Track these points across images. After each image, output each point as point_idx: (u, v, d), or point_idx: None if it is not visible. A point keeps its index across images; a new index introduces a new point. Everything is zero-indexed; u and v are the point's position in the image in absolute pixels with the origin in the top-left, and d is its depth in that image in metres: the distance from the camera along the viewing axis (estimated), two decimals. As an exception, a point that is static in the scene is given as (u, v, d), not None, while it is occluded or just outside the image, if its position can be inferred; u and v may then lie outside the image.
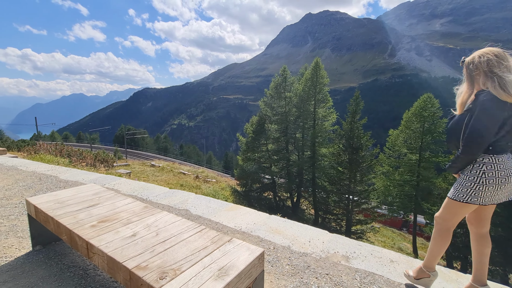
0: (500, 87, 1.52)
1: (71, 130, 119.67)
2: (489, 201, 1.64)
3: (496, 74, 1.56)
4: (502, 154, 1.60)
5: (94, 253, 1.60)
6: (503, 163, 1.59)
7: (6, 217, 3.17)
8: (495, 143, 1.59)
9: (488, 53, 1.63)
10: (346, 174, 18.01)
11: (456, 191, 1.71)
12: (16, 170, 5.51)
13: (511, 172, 1.60)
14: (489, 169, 1.59)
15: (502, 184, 1.59)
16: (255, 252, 1.54)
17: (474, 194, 1.63)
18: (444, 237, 1.79)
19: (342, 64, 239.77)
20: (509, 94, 1.50)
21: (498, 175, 1.58)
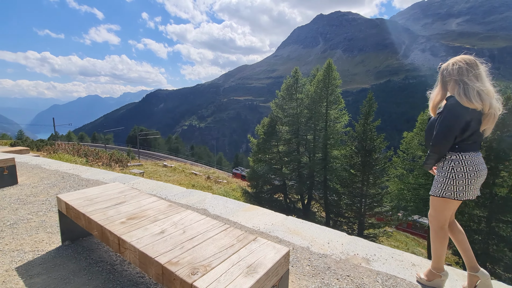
0: (464, 94, 1.68)
1: (86, 131, 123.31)
2: (463, 196, 1.78)
3: (464, 81, 1.71)
4: (469, 152, 1.76)
5: (125, 248, 1.68)
6: (471, 160, 1.75)
7: (35, 213, 3.33)
8: (461, 143, 1.76)
9: (461, 61, 1.76)
10: (358, 176, 17.76)
11: (433, 187, 1.87)
12: (40, 169, 5.75)
13: (479, 167, 1.76)
14: (457, 165, 1.76)
15: (472, 178, 1.74)
16: (281, 251, 1.57)
17: (447, 188, 1.79)
18: (441, 236, 1.89)
19: (354, 65, 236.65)
20: (470, 101, 1.65)
21: (467, 170, 1.74)
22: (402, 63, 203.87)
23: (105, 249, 2.49)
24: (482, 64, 1.76)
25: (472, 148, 1.78)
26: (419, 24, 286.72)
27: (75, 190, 4.23)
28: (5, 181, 4.41)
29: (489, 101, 1.68)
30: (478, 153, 1.81)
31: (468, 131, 1.74)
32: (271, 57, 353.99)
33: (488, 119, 1.71)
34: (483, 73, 1.74)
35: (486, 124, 1.73)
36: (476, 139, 1.78)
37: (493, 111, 1.70)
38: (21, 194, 4.03)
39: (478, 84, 1.68)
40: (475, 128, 1.74)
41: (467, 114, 1.70)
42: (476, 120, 1.72)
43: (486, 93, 1.68)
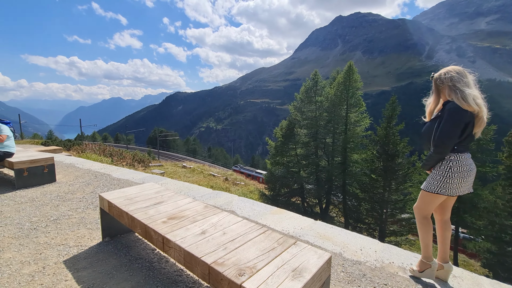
0: (463, 98, 1.86)
1: (110, 131, 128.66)
2: (455, 192, 1.97)
3: (458, 88, 1.90)
4: (464, 153, 1.95)
5: (170, 247, 1.74)
6: (465, 160, 1.94)
7: (74, 209, 3.53)
8: (459, 144, 1.94)
9: (451, 70, 1.97)
10: (380, 182, 17.22)
11: (428, 184, 2.04)
12: (74, 168, 6.08)
13: (471, 167, 1.97)
14: (454, 165, 1.94)
15: (465, 177, 1.94)
16: (324, 256, 1.57)
17: (443, 186, 1.97)
18: (425, 225, 2.11)
19: (374, 67, 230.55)
20: (469, 104, 1.84)
21: (462, 169, 1.93)
22: (425, 65, 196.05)
23: (142, 246, 2.60)
24: (470, 74, 1.97)
25: (466, 149, 1.97)
26: (444, 24, 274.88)
27: (108, 189, 4.45)
28: (45, 179, 4.71)
29: (483, 105, 1.89)
30: (469, 154, 2.01)
31: (465, 133, 1.91)
32: (288, 60, 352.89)
33: (480, 122, 1.91)
34: (471, 82, 1.94)
35: (478, 127, 1.93)
36: (470, 141, 1.97)
37: (483, 115, 1.89)
38: (60, 191, 4.29)
39: (470, 90, 1.88)
40: (470, 131, 1.92)
41: (466, 117, 1.87)
42: (471, 123, 1.91)
43: (478, 98, 1.88)
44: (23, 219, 3.18)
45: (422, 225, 2.11)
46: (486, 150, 16.94)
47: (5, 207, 3.58)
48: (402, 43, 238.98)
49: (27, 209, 3.52)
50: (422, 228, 2.11)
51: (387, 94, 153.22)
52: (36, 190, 4.36)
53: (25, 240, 2.67)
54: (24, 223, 3.06)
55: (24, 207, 3.57)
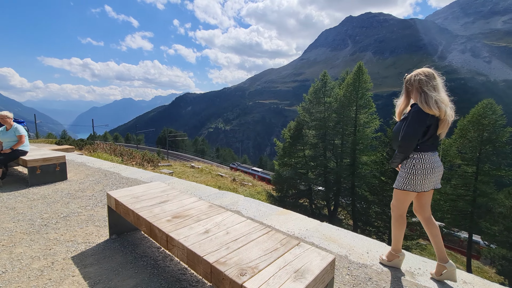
0: (425, 102, 1.95)
1: (120, 131, 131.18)
2: (420, 189, 2.07)
3: (424, 91, 1.99)
4: (427, 152, 2.06)
5: (174, 245, 1.75)
6: (428, 158, 2.05)
7: (83, 207, 3.61)
8: (422, 144, 2.05)
9: (421, 73, 2.04)
10: (390, 184, 16.88)
11: (397, 181, 2.17)
12: (85, 166, 6.22)
13: (435, 165, 2.05)
14: (417, 163, 2.05)
15: (428, 174, 2.03)
16: (327, 258, 1.55)
17: (408, 182, 2.09)
18: (400, 223, 2.23)
19: (385, 68, 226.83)
20: (430, 108, 1.93)
21: (425, 167, 2.03)
22: (438, 65, 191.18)
23: (147, 244, 2.63)
24: (439, 76, 2.05)
25: (430, 148, 2.07)
26: (459, 24, 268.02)
27: (117, 187, 4.53)
28: (57, 177, 4.84)
29: (445, 109, 1.95)
30: (435, 153, 2.10)
31: (428, 134, 2.02)
32: (297, 61, 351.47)
33: (443, 124, 2.01)
34: (440, 85, 2.02)
35: (442, 129, 2.03)
36: (434, 141, 2.08)
37: (447, 118, 1.99)
38: (70, 189, 4.39)
39: (435, 94, 1.96)
40: (433, 132, 2.03)
41: (428, 119, 1.97)
42: (434, 125, 2.01)
43: (441, 102, 1.95)
44: (34, 216, 3.27)
45: (397, 223, 2.24)
46: (501, 153, 16.41)
47: (18, 203, 3.70)
48: (414, 43, 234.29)
49: (39, 206, 3.62)
50: (396, 225, 2.24)
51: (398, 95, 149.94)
52: (48, 187, 4.48)
53: (36, 236, 2.74)
54: (36, 219, 3.15)
55: (36, 204, 3.67)
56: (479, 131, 16.85)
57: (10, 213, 3.33)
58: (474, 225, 16.83)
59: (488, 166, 16.78)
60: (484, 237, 16.90)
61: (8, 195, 4.03)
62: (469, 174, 17.32)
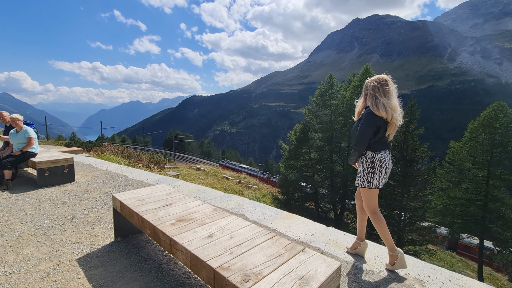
0: (375, 105, 2.17)
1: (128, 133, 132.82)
2: (378, 185, 2.25)
3: (375, 95, 2.19)
4: (380, 151, 2.24)
5: (177, 249, 1.74)
6: (381, 157, 2.24)
7: (90, 209, 3.64)
8: (374, 143, 2.23)
9: (375, 80, 2.25)
10: (397, 188, 16.60)
11: (357, 180, 2.35)
12: (92, 168, 6.30)
13: (386, 163, 2.26)
14: (372, 161, 2.24)
15: (382, 171, 2.24)
16: (333, 265, 1.51)
17: (366, 180, 2.26)
18: (377, 219, 2.30)
19: (392, 70, 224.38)
20: (379, 111, 2.14)
21: (378, 165, 2.23)
22: (447, 67, 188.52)
23: (152, 247, 2.62)
24: (393, 84, 2.24)
25: (382, 148, 2.25)
26: (468, 25, 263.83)
27: (123, 189, 4.56)
28: (65, 178, 4.90)
29: (391, 113, 2.15)
30: (386, 151, 2.29)
31: (379, 134, 2.21)
32: (303, 63, 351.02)
33: (390, 127, 2.20)
34: (392, 91, 2.21)
35: (389, 131, 2.22)
36: (385, 141, 2.26)
37: (394, 121, 2.19)
38: (78, 191, 4.44)
39: (384, 99, 2.16)
40: (383, 133, 2.22)
41: (377, 121, 2.17)
42: (383, 127, 2.20)
43: (389, 106, 2.15)
44: (42, 217, 3.31)
45: (374, 221, 2.30)
46: (514, 157, 15.99)
47: (27, 204, 3.76)
48: (422, 45, 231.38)
49: (46, 207, 3.67)
50: (376, 223, 2.30)
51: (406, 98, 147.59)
52: (56, 189, 4.54)
53: (43, 237, 2.77)
54: (43, 221, 3.19)
55: (44, 205, 3.72)
56: (490, 134, 16.48)
57: (19, 214, 3.39)
58: (486, 230, 16.40)
59: (500, 170, 16.37)
60: (496, 243, 16.44)
61: (17, 196, 4.10)
62: (480, 178, 16.92)
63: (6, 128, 5.37)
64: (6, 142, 5.31)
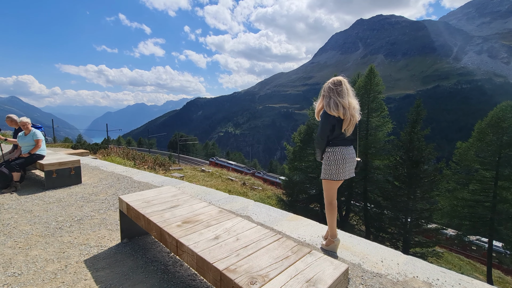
0: (328, 105, 2.35)
1: (133, 135, 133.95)
2: (338, 177, 2.44)
3: (330, 96, 2.38)
4: (338, 146, 2.43)
5: (183, 251, 1.74)
6: (339, 151, 2.42)
7: (96, 211, 3.67)
8: (333, 139, 2.43)
9: (330, 81, 2.44)
10: (404, 189, 16.43)
11: (321, 173, 2.55)
12: (99, 170, 6.36)
13: (346, 156, 2.42)
14: (330, 155, 2.44)
15: (340, 164, 2.41)
16: (340, 267, 1.50)
17: (326, 172, 2.47)
18: (330, 209, 2.53)
19: (397, 70, 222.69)
20: (331, 110, 2.32)
21: (336, 158, 2.41)
22: (453, 67, 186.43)
23: (158, 249, 2.63)
24: (348, 84, 2.41)
25: (341, 143, 2.43)
26: (474, 24, 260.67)
27: (129, 191, 4.59)
28: (72, 180, 4.96)
29: (343, 111, 2.31)
30: (347, 147, 2.46)
31: (335, 131, 2.39)
32: (307, 64, 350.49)
33: (345, 122, 2.35)
34: (345, 90, 2.36)
35: (345, 126, 2.36)
36: (344, 137, 2.42)
37: (348, 117, 2.33)
38: (84, 193, 4.49)
39: (337, 98, 2.33)
40: (339, 130, 2.38)
41: (331, 119, 2.36)
42: (339, 124, 2.36)
43: (342, 105, 2.31)
44: (50, 218, 3.35)
45: (328, 210, 2.54)
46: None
47: (35, 206, 3.81)
48: (428, 45, 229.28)
49: (54, 209, 3.71)
50: (328, 213, 2.54)
51: (412, 98, 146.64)
52: (63, 191, 4.60)
53: (51, 239, 2.80)
54: (51, 222, 3.23)
55: (51, 207, 3.77)
56: (498, 134, 16.22)
57: (27, 216, 3.43)
58: (495, 233, 16.11)
59: (509, 171, 16.09)
60: (506, 245, 16.13)
61: (26, 198, 4.16)
62: (488, 179, 16.65)
63: (15, 131, 5.46)
64: (15, 145, 5.39)
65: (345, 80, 2.43)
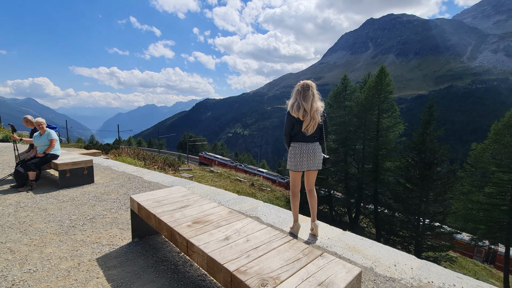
0: (292, 106, 2.65)
1: (143, 136, 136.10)
2: (298, 168, 2.76)
3: (295, 98, 2.67)
4: (299, 142, 2.73)
5: (194, 251, 1.74)
6: (299, 147, 2.73)
7: (108, 210, 3.73)
8: (294, 136, 2.76)
9: (299, 84, 2.71)
10: (416, 192, 16.05)
11: (287, 164, 2.86)
12: (110, 170, 6.47)
13: (304, 152, 2.72)
14: (291, 150, 2.78)
15: (299, 157, 2.72)
16: (353, 271, 1.46)
17: (289, 163, 2.82)
18: (292, 196, 2.88)
19: (409, 70, 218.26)
20: (292, 111, 2.64)
21: (295, 153, 2.74)
22: (467, 66, 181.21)
23: (168, 249, 2.65)
24: (315, 89, 2.68)
25: (301, 140, 2.73)
26: (490, 22, 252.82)
27: (140, 191, 4.65)
28: (85, 180, 5.07)
29: (303, 113, 2.60)
30: (307, 143, 2.73)
31: (294, 129, 2.71)
32: (316, 65, 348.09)
33: (305, 122, 2.62)
34: (310, 94, 2.62)
35: (305, 126, 2.64)
36: (304, 134, 2.69)
37: (309, 119, 2.61)
38: (97, 192, 4.57)
39: (302, 101, 2.60)
40: (299, 128, 2.67)
41: (292, 119, 2.68)
42: (298, 123, 2.66)
43: (304, 108, 2.59)
44: (64, 217, 3.42)
45: (291, 197, 2.89)
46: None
47: (49, 205, 3.90)
48: (441, 44, 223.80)
49: (67, 207, 3.79)
50: (292, 200, 2.88)
51: (424, 99, 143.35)
52: (76, 190, 4.70)
53: (64, 237, 2.86)
54: (65, 221, 3.30)
55: (65, 206, 3.86)
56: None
57: (42, 214, 3.52)
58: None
59: (528, 174, 15.49)
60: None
61: (41, 197, 4.27)
62: (505, 181, 16.07)
63: (31, 132, 5.62)
64: (31, 144, 5.55)
65: (314, 85, 2.69)
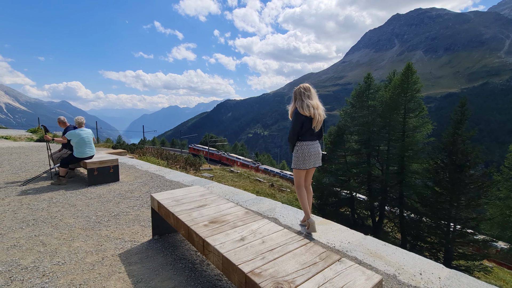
0: (301, 107, 2.81)
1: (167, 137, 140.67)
2: (304, 167, 2.89)
3: (301, 99, 2.85)
4: (306, 141, 2.88)
5: (210, 251, 1.75)
6: (306, 146, 2.87)
7: (131, 207, 3.87)
8: (302, 135, 2.87)
9: (301, 87, 2.93)
10: (445, 196, 15.10)
11: (292, 162, 2.96)
12: (135, 169, 6.74)
13: (311, 150, 2.88)
14: (299, 149, 2.89)
15: (306, 156, 2.87)
16: (373, 278, 1.39)
17: (295, 162, 2.91)
18: (299, 192, 2.99)
19: (438, 67, 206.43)
20: (303, 110, 2.78)
21: (303, 151, 2.87)
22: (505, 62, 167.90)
23: (186, 247, 2.69)
24: (313, 89, 2.92)
25: (308, 138, 2.88)
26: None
27: (161, 190, 4.79)
28: (111, 178, 5.31)
29: (313, 111, 2.78)
30: (313, 141, 2.91)
31: (304, 128, 2.84)
32: (338, 64, 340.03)
33: (314, 120, 2.80)
34: (313, 94, 2.88)
35: (314, 124, 2.81)
36: (312, 133, 2.87)
37: (317, 116, 2.79)
38: (121, 190, 4.78)
39: (308, 100, 2.82)
40: (308, 126, 2.83)
41: (302, 118, 2.80)
42: (308, 121, 2.81)
43: (312, 106, 2.79)
44: (91, 213, 3.61)
45: (297, 193, 3.01)
46: None
47: (78, 201, 4.13)
48: (474, 38, 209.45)
49: (94, 204, 4.00)
50: (298, 195, 3.01)
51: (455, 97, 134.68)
52: (103, 187, 4.94)
53: (91, 232, 3.01)
54: (91, 217, 3.47)
55: (92, 202, 4.06)
56: (562, 136, 14.23)
57: (71, 210, 3.74)
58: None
59: None
60: None
61: (71, 193, 4.54)
62: (550, 187, 14.67)
63: (64, 131, 6.01)
64: (63, 144, 5.93)
65: (311, 86, 2.92)
